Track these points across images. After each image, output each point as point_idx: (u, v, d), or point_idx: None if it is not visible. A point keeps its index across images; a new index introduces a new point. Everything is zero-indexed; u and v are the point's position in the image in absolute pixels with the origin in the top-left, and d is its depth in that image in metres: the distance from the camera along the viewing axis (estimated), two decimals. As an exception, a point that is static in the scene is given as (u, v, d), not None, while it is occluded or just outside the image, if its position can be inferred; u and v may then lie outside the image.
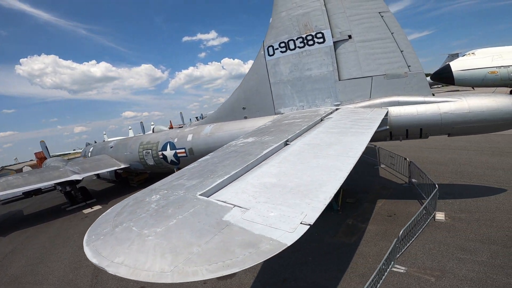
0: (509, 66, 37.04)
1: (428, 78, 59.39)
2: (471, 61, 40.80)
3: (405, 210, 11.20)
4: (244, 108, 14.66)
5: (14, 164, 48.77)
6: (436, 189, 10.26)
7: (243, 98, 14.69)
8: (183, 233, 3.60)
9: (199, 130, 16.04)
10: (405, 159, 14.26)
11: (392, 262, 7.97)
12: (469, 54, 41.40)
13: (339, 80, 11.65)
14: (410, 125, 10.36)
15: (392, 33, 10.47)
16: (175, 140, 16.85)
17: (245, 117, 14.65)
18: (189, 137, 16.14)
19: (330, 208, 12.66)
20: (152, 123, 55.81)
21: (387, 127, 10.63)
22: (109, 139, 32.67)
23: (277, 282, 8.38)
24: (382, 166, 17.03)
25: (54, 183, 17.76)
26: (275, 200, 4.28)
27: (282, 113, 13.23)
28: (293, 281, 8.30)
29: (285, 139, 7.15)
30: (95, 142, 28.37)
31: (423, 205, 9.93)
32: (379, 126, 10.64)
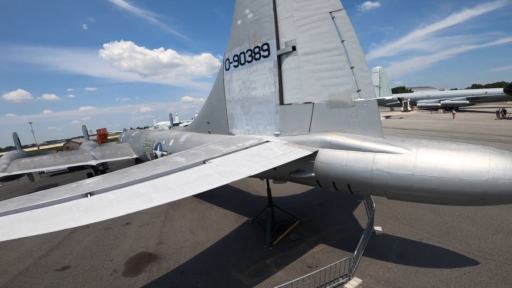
0: None
1: (501, 90, 43.48)
2: None
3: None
4: (208, 123, 12.27)
5: (94, 135, 51.86)
6: (347, 258, 7.27)
7: (208, 112, 12.30)
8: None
9: (179, 136, 14.34)
10: (372, 204, 9.79)
11: None
12: None
13: (280, 104, 8.18)
14: (336, 177, 6.48)
15: (342, 41, 6.48)
16: (163, 142, 15.63)
17: (209, 132, 12.27)
18: (171, 142, 14.61)
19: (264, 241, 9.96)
20: (197, 111, 55.88)
21: (313, 174, 6.95)
22: (157, 123, 33.64)
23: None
24: (365, 200, 12.32)
25: (78, 165, 18.51)
26: None
27: (233, 135, 10.43)
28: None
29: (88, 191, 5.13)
30: (131, 128, 29.40)
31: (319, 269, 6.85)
32: (304, 172, 7.20)
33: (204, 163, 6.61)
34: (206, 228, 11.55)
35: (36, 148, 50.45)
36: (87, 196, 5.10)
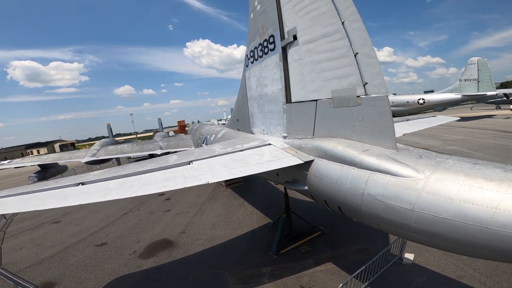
0: None
1: None
2: None
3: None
4: (237, 120, 11.72)
5: (174, 126, 55.53)
6: None
7: (237, 110, 11.75)
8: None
9: (218, 132, 14.41)
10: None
11: None
12: None
13: (287, 102, 6.86)
14: (326, 195, 4.90)
15: (343, 22, 4.75)
16: (208, 136, 16.07)
17: (238, 129, 11.73)
18: (212, 137, 14.85)
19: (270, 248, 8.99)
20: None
21: (306, 187, 5.45)
22: (228, 117, 34.90)
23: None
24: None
25: (148, 154, 20.75)
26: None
27: (253, 133, 9.57)
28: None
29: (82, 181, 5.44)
30: (198, 121, 31.19)
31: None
32: (298, 183, 5.76)
33: (189, 163, 6.12)
34: (228, 225, 11.18)
35: (134, 136, 61.81)
36: (78, 186, 5.38)
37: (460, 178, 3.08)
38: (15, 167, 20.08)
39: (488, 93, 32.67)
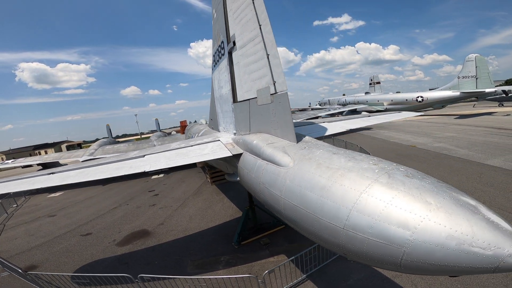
0: None
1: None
2: None
3: (274, 280, 6.81)
4: (211, 120, 12.40)
5: (178, 126, 57.77)
6: (252, 276, 6.02)
7: (210, 110, 12.41)
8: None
9: (200, 131, 15.16)
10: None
11: None
12: None
13: (234, 102, 7.49)
14: (246, 185, 5.51)
15: (260, 26, 5.30)
16: (193, 135, 16.80)
17: (212, 128, 12.41)
18: (195, 136, 15.61)
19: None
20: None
21: (238, 178, 6.07)
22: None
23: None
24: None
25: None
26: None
27: (219, 131, 10.20)
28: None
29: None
30: (195, 121, 31.97)
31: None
32: (234, 175, 6.40)
33: (143, 157, 6.84)
34: (203, 218, 11.84)
35: (139, 136, 63.62)
36: (49, 175, 6.24)
37: (312, 167, 3.50)
38: (22, 167, 21.69)
39: (487, 90, 31.84)
